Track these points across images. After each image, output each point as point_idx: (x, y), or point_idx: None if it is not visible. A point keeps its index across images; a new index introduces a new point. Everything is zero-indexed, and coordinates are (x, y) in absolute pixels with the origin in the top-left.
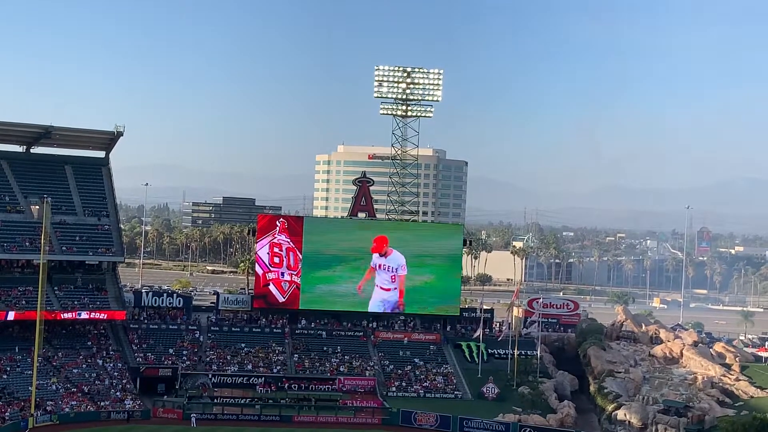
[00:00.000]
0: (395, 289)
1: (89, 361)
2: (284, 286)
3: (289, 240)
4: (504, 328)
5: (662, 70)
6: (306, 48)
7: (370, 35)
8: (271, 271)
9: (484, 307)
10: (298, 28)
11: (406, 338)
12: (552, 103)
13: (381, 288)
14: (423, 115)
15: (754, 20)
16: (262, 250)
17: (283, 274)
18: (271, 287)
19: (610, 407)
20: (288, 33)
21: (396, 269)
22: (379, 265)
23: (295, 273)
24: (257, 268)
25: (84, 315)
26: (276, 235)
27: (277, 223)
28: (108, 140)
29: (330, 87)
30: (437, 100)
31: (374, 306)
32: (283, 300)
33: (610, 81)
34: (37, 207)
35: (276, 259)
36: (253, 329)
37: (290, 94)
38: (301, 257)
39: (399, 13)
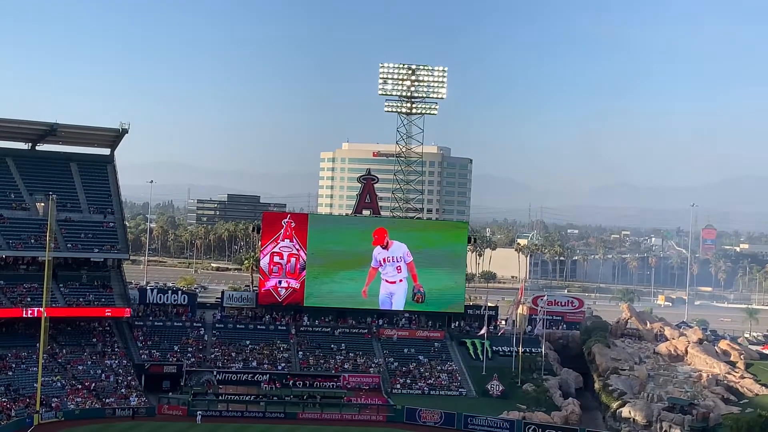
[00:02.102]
0: (401, 281)
1: (94, 358)
2: (281, 292)
3: (292, 244)
4: (506, 325)
5: (669, 68)
6: (310, 46)
7: (374, 33)
8: (269, 279)
9: (489, 304)
10: (303, 26)
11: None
12: (557, 101)
13: (387, 281)
14: (427, 112)
15: (761, 19)
16: (264, 259)
17: (280, 281)
18: (270, 292)
19: (614, 404)
20: (292, 31)
21: (401, 258)
22: (383, 260)
23: (294, 279)
24: (259, 274)
25: (89, 312)
26: (279, 241)
27: (283, 222)
28: (113, 138)
29: (334, 84)
30: (442, 98)
31: (381, 300)
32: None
33: (615, 78)
34: (43, 204)
35: (275, 268)
36: (258, 326)
37: (295, 92)
38: (305, 257)
39: (404, 10)
